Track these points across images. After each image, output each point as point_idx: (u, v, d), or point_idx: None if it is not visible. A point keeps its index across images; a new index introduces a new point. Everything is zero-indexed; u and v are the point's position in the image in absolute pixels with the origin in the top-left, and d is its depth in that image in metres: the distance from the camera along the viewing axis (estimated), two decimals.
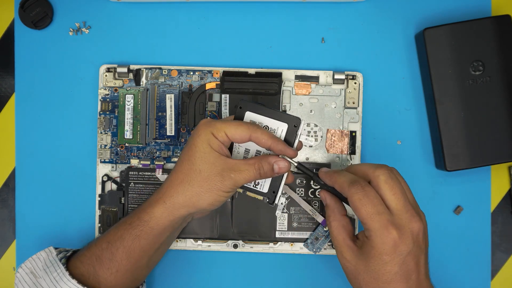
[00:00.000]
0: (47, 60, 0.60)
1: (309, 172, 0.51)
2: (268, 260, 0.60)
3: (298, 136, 0.49)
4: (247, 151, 0.50)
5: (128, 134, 0.59)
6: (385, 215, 0.45)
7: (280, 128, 0.49)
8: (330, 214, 0.50)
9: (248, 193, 0.51)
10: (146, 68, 0.59)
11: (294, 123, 0.49)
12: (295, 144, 0.49)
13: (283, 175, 0.50)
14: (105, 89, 0.59)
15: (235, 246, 0.59)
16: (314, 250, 0.59)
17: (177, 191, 0.48)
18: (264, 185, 0.51)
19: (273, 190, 0.50)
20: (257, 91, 0.57)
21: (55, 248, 0.53)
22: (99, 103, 0.59)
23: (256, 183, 0.51)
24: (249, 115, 0.49)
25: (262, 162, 0.48)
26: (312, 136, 0.59)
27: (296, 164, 0.50)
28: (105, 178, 0.59)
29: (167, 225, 0.49)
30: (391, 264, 0.46)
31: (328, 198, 0.51)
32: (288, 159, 0.49)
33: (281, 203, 0.57)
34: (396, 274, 0.46)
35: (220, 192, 0.48)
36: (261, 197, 0.51)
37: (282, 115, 0.49)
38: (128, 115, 0.58)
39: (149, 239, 0.49)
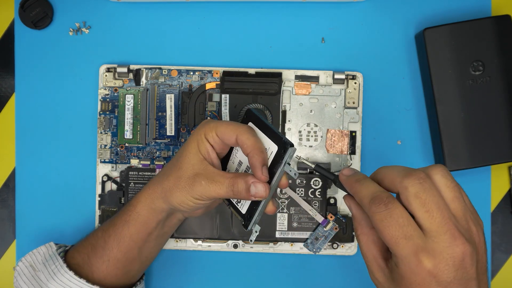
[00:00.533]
0: (47, 60, 0.60)
1: (328, 175, 0.45)
2: (268, 260, 0.60)
3: (283, 165, 0.42)
4: (240, 163, 0.47)
5: (128, 134, 0.59)
6: (414, 240, 0.36)
7: (270, 150, 0.44)
8: (357, 227, 0.42)
9: (231, 209, 0.48)
10: (146, 68, 0.59)
11: (283, 147, 0.42)
12: (277, 173, 0.43)
13: (261, 201, 0.44)
14: (105, 89, 0.59)
15: (235, 246, 0.59)
16: (314, 250, 0.59)
17: (158, 180, 0.49)
18: (244, 206, 0.46)
19: (249, 214, 0.45)
20: (257, 91, 0.57)
21: (56, 244, 0.54)
22: (99, 103, 0.59)
23: (238, 200, 0.47)
24: (251, 126, 0.48)
25: (238, 179, 0.44)
26: (312, 136, 0.59)
27: (313, 166, 0.45)
28: (105, 178, 0.59)
29: (150, 212, 0.50)
30: None
31: (353, 207, 0.42)
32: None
33: (255, 232, 0.47)
34: None
35: (188, 196, 0.46)
36: (238, 216, 0.47)
37: (274, 135, 0.44)
38: (128, 115, 0.58)
39: (136, 226, 0.50)
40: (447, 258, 0.36)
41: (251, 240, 0.47)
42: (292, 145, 0.42)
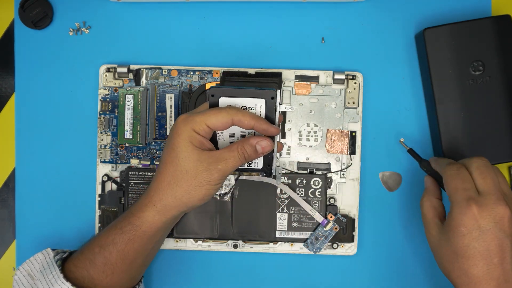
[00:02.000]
0: (47, 60, 0.60)
1: (417, 157, 0.56)
2: (268, 260, 0.60)
3: (278, 108, 0.48)
4: (231, 135, 0.49)
5: (128, 134, 0.59)
6: (470, 192, 0.47)
7: (258, 105, 0.48)
8: (425, 195, 0.53)
9: (244, 174, 0.51)
10: (146, 68, 0.59)
11: (270, 96, 0.48)
12: (277, 118, 0.48)
13: (274, 140, 0.49)
14: (105, 89, 0.59)
15: (235, 246, 0.59)
16: (314, 250, 0.59)
17: (166, 193, 0.48)
18: (258, 162, 0.50)
19: (268, 164, 0.50)
20: None
21: (53, 250, 0.53)
22: (99, 103, 0.59)
23: (250, 162, 0.50)
24: (224, 100, 0.48)
25: (244, 146, 0.47)
26: (312, 136, 0.59)
27: (408, 148, 0.55)
28: (105, 178, 0.59)
29: (160, 226, 0.50)
30: (469, 237, 0.46)
31: (429, 181, 0.54)
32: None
33: (278, 173, 0.56)
34: (474, 249, 0.46)
35: (210, 186, 0.48)
36: (258, 174, 0.51)
37: (256, 91, 0.48)
38: (128, 115, 0.58)
39: (142, 242, 0.50)
40: (490, 211, 0.46)
41: (278, 181, 0.53)
42: (275, 89, 0.48)
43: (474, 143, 0.57)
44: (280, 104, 0.49)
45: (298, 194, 0.58)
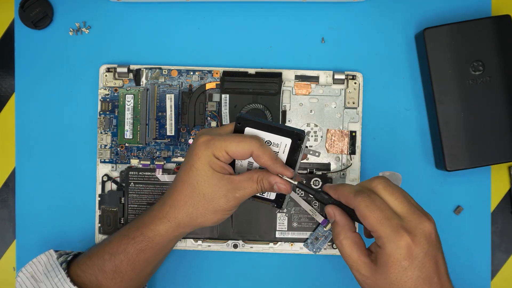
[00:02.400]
0: (47, 60, 0.60)
1: (310, 191, 0.48)
2: (268, 260, 0.60)
3: (302, 152, 0.47)
4: (250, 163, 0.48)
5: (128, 134, 0.59)
6: (394, 220, 0.43)
7: (284, 143, 0.47)
8: (340, 232, 0.47)
9: (256, 200, 0.50)
10: (146, 68, 0.59)
11: (298, 138, 0.46)
12: (299, 161, 0.47)
13: (291, 183, 0.48)
14: (105, 89, 0.59)
15: (235, 246, 0.59)
16: (314, 250, 0.59)
17: (181, 212, 0.48)
18: (271, 194, 0.50)
19: (280, 197, 0.49)
20: (257, 91, 0.57)
21: (56, 251, 0.53)
22: (99, 103, 0.59)
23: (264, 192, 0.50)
24: (249, 130, 0.47)
25: (264, 180, 0.47)
26: (312, 136, 0.59)
27: (296, 183, 0.47)
28: (105, 178, 0.59)
29: (172, 239, 0.50)
30: (411, 269, 0.43)
31: (337, 214, 0.47)
32: (288, 179, 0.47)
33: (288, 208, 0.56)
34: (418, 278, 0.43)
35: (225, 212, 0.47)
36: (268, 203, 0.50)
37: (284, 130, 0.46)
38: (128, 115, 0.58)
39: (154, 253, 0.50)
40: (420, 232, 0.43)
41: (284, 208, 0.51)
42: (304, 132, 0.46)
43: (474, 143, 0.57)
44: (306, 147, 0.48)
45: (298, 194, 0.58)
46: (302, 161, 0.58)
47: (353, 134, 0.59)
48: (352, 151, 0.59)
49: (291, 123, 0.59)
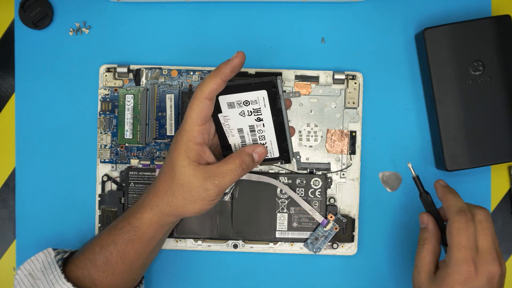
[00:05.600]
0: (47, 60, 0.60)
1: (420, 188, 0.53)
2: (268, 260, 0.60)
3: (282, 97, 0.47)
4: (240, 130, 0.49)
5: (128, 134, 0.59)
6: (472, 251, 0.47)
7: (261, 96, 0.47)
8: (427, 237, 0.51)
9: (263, 163, 0.51)
10: (146, 68, 0.59)
11: (271, 85, 0.46)
12: (283, 107, 0.47)
13: (286, 131, 0.49)
14: (105, 89, 0.59)
15: (235, 246, 0.59)
16: (314, 250, 0.59)
17: (162, 201, 0.48)
18: (274, 151, 0.50)
19: (284, 151, 0.50)
20: None
21: (54, 249, 0.53)
22: (99, 103, 0.59)
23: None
24: (224, 99, 0.48)
25: (242, 157, 0.48)
26: (312, 136, 0.59)
27: (414, 175, 0.52)
28: (105, 178, 0.59)
29: (158, 228, 0.50)
30: None
31: (431, 222, 0.51)
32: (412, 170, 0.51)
33: (298, 157, 0.53)
34: None
35: (206, 201, 0.48)
36: (276, 162, 0.51)
37: (255, 83, 0.46)
38: (128, 115, 0.58)
39: (142, 242, 0.50)
40: (485, 271, 0.47)
41: (298, 165, 0.53)
42: (275, 77, 0.46)
43: (474, 143, 0.57)
44: (284, 91, 0.47)
45: (298, 194, 0.58)
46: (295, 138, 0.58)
47: (353, 134, 0.59)
48: (352, 151, 0.59)
49: (291, 123, 0.59)
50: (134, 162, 0.59)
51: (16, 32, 0.60)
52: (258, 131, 0.49)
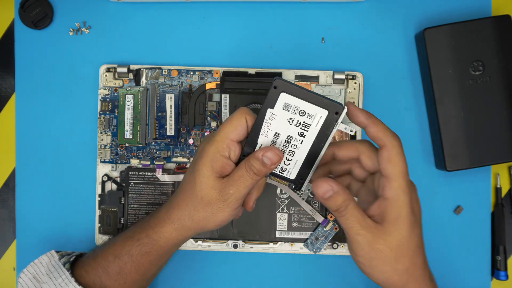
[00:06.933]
0: (47, 60, 0.60)
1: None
2: (268, 260, 0.60)
3: (336, 126, 0.44)
4: (276, 135, 0.45)
5: (128, 134, 0.59)
6: (408, 176, 0.43)
7: (319, 115, 0.44)
8: (345, 199, 0.43)
9: (272, 178, 0.47)
10: (146, 68, 0.59)
11: (335, 110, 0.43)
12: (331, 136, 0.44)
13: (317, 160, 0.45)
14: (105, 89, 0.59)
15: (235, 246, 0.59)
16: (314, 250, 0.59)
17: (184, 214, 0.47)
18: (292, 172, 0.46)
19: (301, 177, 0.46)
20: (257, 91, 0.57)
21: (57, 252, 0.53)
22: (99, 103, 0.59)
23: (283, 168, 0.46)
24: (284, 98, 0.44)
25: (250, 160, 0.44)
26: None
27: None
28: (105, 178, 0.59)
29: (176, 243, 0.49)
30: (417, 226, 0.43)
31: (334, 184, 0.42)
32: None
33: (308, 189, 0.51)
34: (419, 237, 0.44)
35: (226, 213, 0.46)
36: (286, 183, 0.47)
37: (323, 100, 0.43)
38: (128, 115, 0.58)
39: (158, 255, 0.49)
40: (416, 194, 0.45)
41: (303, 191, 0.50)
42: (342, 105, 0.43)
43: (474, 143, 0.57)
44: (341, 122, 0.44)
45: (298, 194, 0.58)
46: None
47: (353, 134, 0.59)
48: None
49: None
50: (134, 162, 0.59)
51: (16, 32, 0.60)
52: (292, 145, 0.46)
